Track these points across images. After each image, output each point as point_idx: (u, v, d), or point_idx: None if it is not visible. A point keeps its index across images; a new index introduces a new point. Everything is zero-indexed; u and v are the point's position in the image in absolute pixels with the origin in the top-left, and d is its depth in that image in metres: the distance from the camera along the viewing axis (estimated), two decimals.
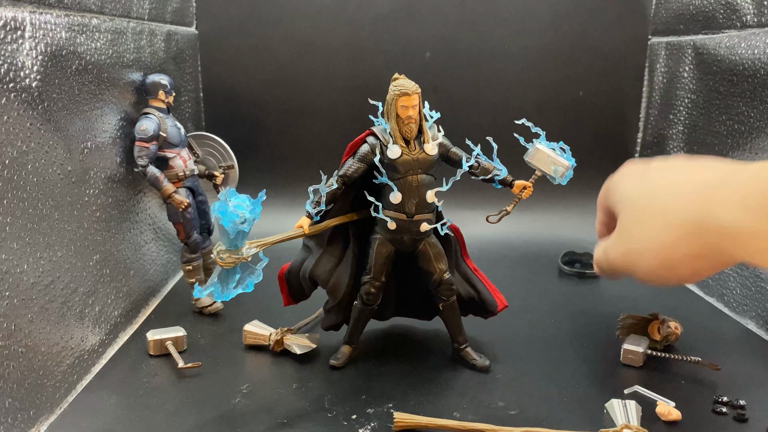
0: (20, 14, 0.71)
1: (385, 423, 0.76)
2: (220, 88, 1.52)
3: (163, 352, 0.93)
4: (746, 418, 0.78)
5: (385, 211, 0.86)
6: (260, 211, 0.74)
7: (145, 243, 1.12)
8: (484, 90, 1.53)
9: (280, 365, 0.92)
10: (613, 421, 0.75)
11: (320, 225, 0.87)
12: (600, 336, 1.01)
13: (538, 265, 1.37)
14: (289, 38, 1.51)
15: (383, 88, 0.86)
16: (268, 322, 0.98)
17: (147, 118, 1.01)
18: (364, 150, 0.85)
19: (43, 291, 0.75)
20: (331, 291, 0.93)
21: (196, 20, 1.48)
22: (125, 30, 1.02)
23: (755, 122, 1.05)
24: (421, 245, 0.88)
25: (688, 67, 1.29)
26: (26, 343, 0.71)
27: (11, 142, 0.68)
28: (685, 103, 1.31)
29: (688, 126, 1.30)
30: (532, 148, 0.87)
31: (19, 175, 0.70)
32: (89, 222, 0.89)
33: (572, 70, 1.52)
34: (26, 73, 0.72)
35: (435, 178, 0.86)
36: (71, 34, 0.83)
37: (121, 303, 0.99)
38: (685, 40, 1.30)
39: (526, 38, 1.51)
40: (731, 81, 1.12)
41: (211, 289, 0.75)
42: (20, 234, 0.70)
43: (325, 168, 0.87)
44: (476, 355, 0.91)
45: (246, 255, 0.75)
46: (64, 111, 0.81)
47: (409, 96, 0.82)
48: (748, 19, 1.09)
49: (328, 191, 0.84)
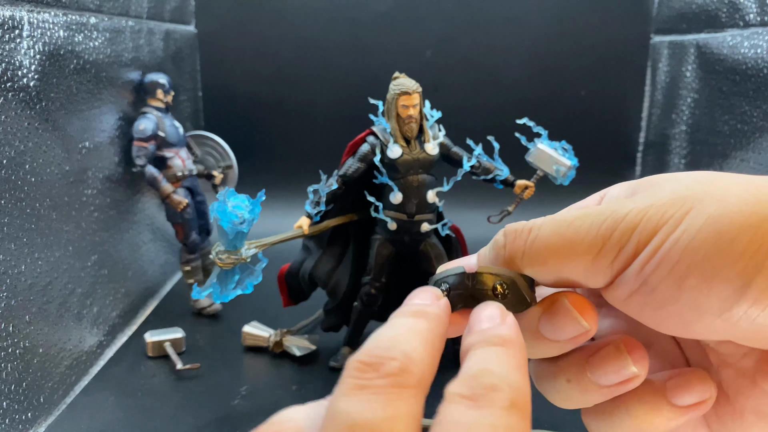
0: (18, 13, 0.70)
1: None
2: (219, 88, 1.51)
3: (162, 354, 0.92)
4: None
5: (385, 211, 0.85)
6: (259, 212, 0.74)
7: (144, 243, 1.11)
8: (486, 89, 1.53)
9: (279, 367, 0.91)
10: None
11: (320, 225, 0.86)
12: None
13: None
14: (289, 37, 1.50)
15: (383, 88, 0.85)
16: (267, 323, 0.98)
17: (145, 118, 1.00)
18: (364, 149, 0.85)
19: (41, 292, 0.75)
20: (331, 292, 0.92)
21: (195, 19, 1.47)
22: (123, 29, 1.02)
23: (758, 122, 1.04)
24: (421, 246, 0.87)
25: (691, 66, 1.28)
26: (24, 344, 0.71)
27: (9, 141, 0.68)
28: (688, 103, 1.30)
29: (691, 125, 1.29)
30: (533, 148, 0.86)
31: (17, 174, 0.69)
32: (87, 222, 0.88)
33: (574, 69, 1.51)
34: (24, 72, 0.71)
35: (436, 178, 0.85)
36: (69, 33, 0.82)
37: (119, 304, 0.99)
38: (688, 39, 1.30)
39: (528, 37, 1.50)
40: (734, 80, 1.11)
41: (210, 290, 0.74)
42: (18, 234, 0.70)
43: (325, 168, 0.86)
44: None
45: (245, 256, 0.74)
46: (62, 110, 0.80)
47: (409, 95, 0.81)
48: (751, 18, 1.08)
49: (328, 191, 0.83)
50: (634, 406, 0.26)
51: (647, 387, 0.26)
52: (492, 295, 0.26)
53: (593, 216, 0.24)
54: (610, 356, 0.26)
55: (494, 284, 0.26)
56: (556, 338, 0.26)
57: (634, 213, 0.23)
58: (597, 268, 0.24)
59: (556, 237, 0.25)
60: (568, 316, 0.25)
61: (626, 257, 0.23)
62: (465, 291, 0.26)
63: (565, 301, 0.25)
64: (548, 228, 0.25)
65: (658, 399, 0.26)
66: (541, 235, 0.25)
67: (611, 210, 0.24)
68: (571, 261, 0.24)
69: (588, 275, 0.25)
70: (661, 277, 0.23)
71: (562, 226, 0.25)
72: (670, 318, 0.23)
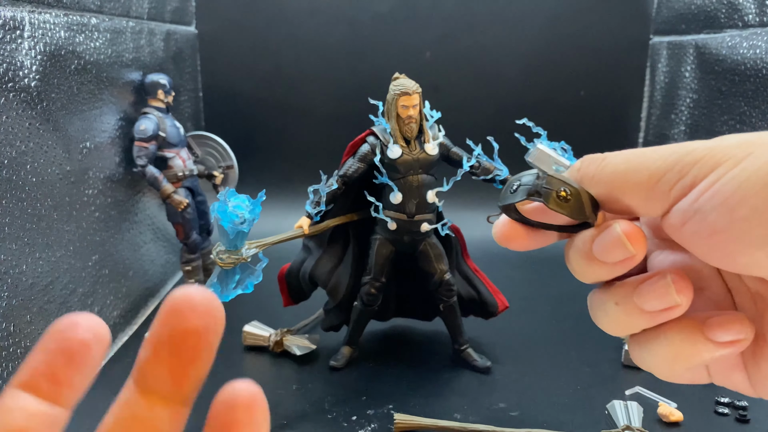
0: (19, 14, 0.70)
1: (386, 424, 0.75)
2: (220, 88, 1.52)
3: None
4: (748, 419, 0.77)
5: (385, 211, 0.85)
6: (260, 212, 0.74)
7: (144, 243, 1.11)
8: (485, 90, 1.53)
9: (279, 366, 0.91)
10: (614, 422, 0.74)
11: (320, 225, 0.87)
12: (601, 337, 1.01)
13: (538, 266, 1.36)
14: (289, 38, 1.50)
15: (383, 88, 0.86)
16: (267, 322, 0.98)
17: (146, 118, 1.01)
18: (364, 150, 0.85)
19: (42, 291, 0.75)
20: (331, 292, 0.92)
21: (196, 19, 1.47)
22: (124, 29, 1.02)
23: (757, 122, 1.05)
24: (421, 246, 0.88)
25: (690, 66, 1.28)
26: (25, 344, 0.71)
27: (10, 142, 0.68)
28: (687, 103, 1.30)
29: (690, 126, 1.29)
30: (533, 148, 0.85)
31: (18, 175, 0.70)
32: (88, 222, 0.88)
33: (573, 69, 1.51)
34: (25, 72, 0.71)
35: (435, 178, 0.86)
36: (70, 34, 0.83)
37: (120, 304, 0.99)
38: (687, 39, 1.30)
39: (527, 37, 1.50)
40: (733, 81, 1.12)
41: (211, 290, 0.75)
42: (19, 234, 0.70)
43: (325, 168, 0.86)
44: (477, 356, 0.90)
45: (245, 255, 0.74)
46: (63, 111, 0.81)
47: (409, 95, 0.81)
48: (750, 18, 1.08)
49: (328, 191, 0.83)
50: (673, 335, 0.28)
51: (688, 319, 0.28)
52: (555, 197, 0.28)
53: (663, 149, 0.27)
54: (656, 284, 0.28)
55: (560, 188, 0.28)
56: (605, 260, 0.28)
57: (699, 150, 0.26)
58: (656, 195, 0.26)
59: (624, 164, 0.27)
60: (617, 239, 0.28)
61: (684, 186, 0.25)
62: (533, 187, 0.29)
63: (617, 226, 0.28)
64: (620, 156, 0.28)
65: (695, 332, 0.28)
66: (611, 161, 0.28)
67: (680, 146, 0.26)
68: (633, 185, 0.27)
69: (648, 203, 0.27)
70: (713, 206, 0.25)
71: (633, 155, 0.27)
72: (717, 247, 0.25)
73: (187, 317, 0.22)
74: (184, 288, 0.23)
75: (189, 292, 0.23)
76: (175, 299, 0.23)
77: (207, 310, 0.23)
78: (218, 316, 0.23)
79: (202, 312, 0.23)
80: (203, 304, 0.23)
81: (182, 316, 0.22)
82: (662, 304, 0.27)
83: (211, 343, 0.23)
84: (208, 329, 0.23)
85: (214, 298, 0.23)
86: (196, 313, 0.23)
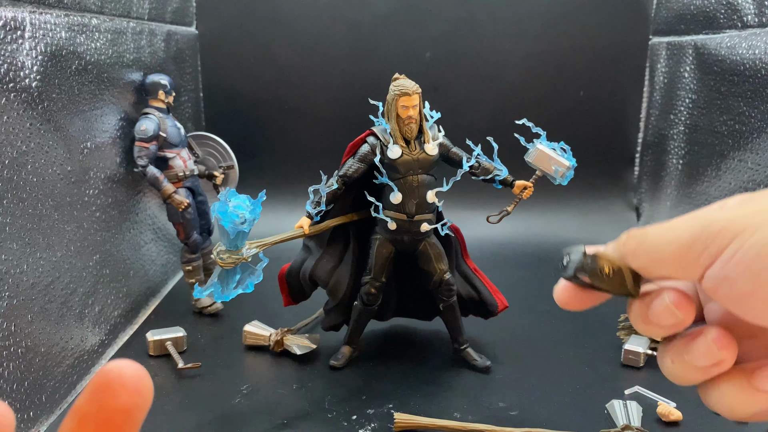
0: (20, 14, 0.71)
1: (386, 424, 0.76)
2: (220, 88, 1.52)
3: (163, 353, 0.93)
4: None
5: (385, 211, 0.86)
6: (260, 212, 0.74)
7: (145, 243, 1.12)
8: (485, 90, 1.53)
9: (280, 366, 0.91)
10: (614, 422, 0.75)
11: (320, 225, 0.87)
12: (601, 337, 1.01)
13: (538, 266, 1.36)
14: (289, 38, 1.51)
15: (383, 88, 0.86)
16: (268, 322, 0.98)
17: (147, 118, 1.01)
18: (364, 150, 0.85)
19: (43, 291, 0.75)
20: (331, 291, 0.93)
21: (196, 20, 1.47)
22: (125, 30, 1.02)
23: (756, 122, 1.05)
24: (421, 245, 0.88)
25: (689, 67, 1.29)
26: (26, 343, 0.71)
27: (11, 142, 0.68)
28: (686, 104, 1.30)
29: (689, 126, 1.30)
30: (532, 148, 0.87)
31: (19, 175, 0.70)
32: (89, 222, 0.89)
33: (573, 70, 1.52)
34: (26, 73, 0.72)
35: (435, 178, 0.86)
36: (71, 34, 0.83)
37: (120, 303, 0.99)
38: (686, 40, 1.30)
39: (527, 38, 1.50)
40: (732, 81, 1.12)
41: (211, 290, 0.75)
42: (20, 234, 0.70)
43: (325, 168, 0.87)
44: (477, 356, 0.90)
45: (246, 255, 0.75)
46: (63, 111, 0.81)
47: (409, 96, 0.82)
48: (749, 19, 1.09)
49: (329, 191, 0.84)
50: (725, 386, 0.30)
51: (737, 370, 0.30)
52: (599, 273, 0.31)
53: (690, 219, 0.29)
54: (700, 342, 0.30)
55: (603, 266, 0.31)
56: (658, 324, 0.31)
57: (719, 221, 0.28)
58: (687, 265, 0.29)
59: (658, 237, 0.30)
60: (666, 308, 0.30)
61: (711, 255, 0.28)
62: (579, 264, 0.31)
63: (665, 296, 0.30)
64: (656, 230, 0.30)
65: (743, 381, 0.30)
66: (648, 236, 0.30)
67: (704, 215, 0.29)
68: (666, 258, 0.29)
69: (681, 271, 0.29)
70: (739, 274, 0.27)
71: (665, 228, 0.30)
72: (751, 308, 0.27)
73: (117, 394, 0.22)
74: (116, 363, 0.23)
75: (121, 367, 0.23)
76: (107, 374, 0.23)
77: (136, 389, 0.23)
78: (147, 394, 0.23)
79: (132, 390, 0.23)
80: (133, 381, 0.23)
81: (112, 392, 0.22)
82: (708, 360, 0.30)
83: (137, 421, 0.23)
84: (137, 407, 0.23)
85: (145, 375, 0.23)
86: (125, 389, 0.23)
